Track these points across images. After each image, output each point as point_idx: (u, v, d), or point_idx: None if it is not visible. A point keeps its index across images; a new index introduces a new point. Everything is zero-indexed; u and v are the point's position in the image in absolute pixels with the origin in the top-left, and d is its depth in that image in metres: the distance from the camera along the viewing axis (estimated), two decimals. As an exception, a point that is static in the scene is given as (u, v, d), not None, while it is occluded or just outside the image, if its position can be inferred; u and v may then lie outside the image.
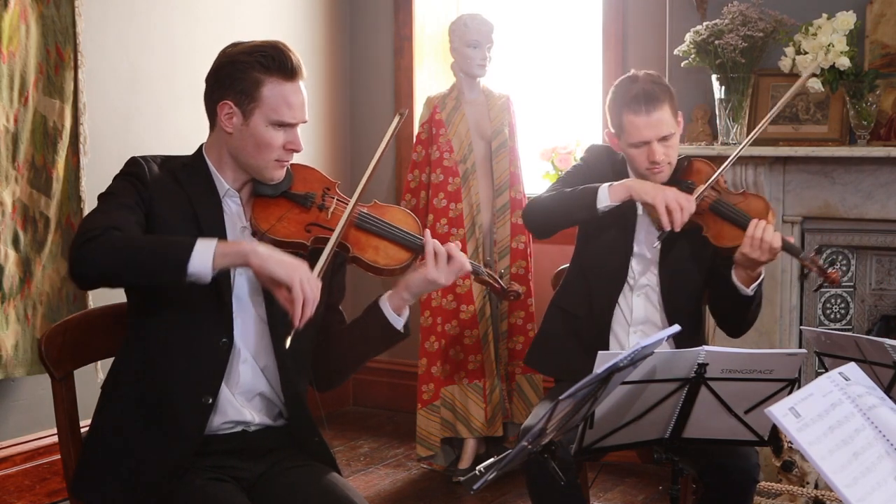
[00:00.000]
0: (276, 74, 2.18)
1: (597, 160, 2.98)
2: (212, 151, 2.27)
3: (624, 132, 2.81)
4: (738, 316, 2.87)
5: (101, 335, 2.36)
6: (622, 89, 2.83)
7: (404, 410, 4.93)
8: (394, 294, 2.31)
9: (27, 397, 3.75)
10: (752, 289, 2.75)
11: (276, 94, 2.18)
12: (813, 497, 3.54)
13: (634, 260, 2.90)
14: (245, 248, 2.07)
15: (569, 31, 4.97)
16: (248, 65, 2.18)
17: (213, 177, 2.25)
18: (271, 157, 2.20)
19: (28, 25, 3.56)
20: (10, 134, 3.53)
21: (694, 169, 2.90)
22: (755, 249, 2.66)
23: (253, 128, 2.18)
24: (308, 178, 2.33)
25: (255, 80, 2.17)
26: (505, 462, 1.86)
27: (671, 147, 2.81)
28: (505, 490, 3.99)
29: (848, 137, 3.77)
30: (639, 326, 2.90)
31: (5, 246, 3.54)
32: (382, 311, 2.30)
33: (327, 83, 5.01)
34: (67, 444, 2.26)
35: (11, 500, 3.68)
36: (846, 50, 3.58)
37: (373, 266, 2.27)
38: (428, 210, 4.28)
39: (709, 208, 2.79)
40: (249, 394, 2.25)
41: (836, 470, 1.62)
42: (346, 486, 2.26)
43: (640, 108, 2.76)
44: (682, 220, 2.70)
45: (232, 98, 2.18)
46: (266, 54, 2.18)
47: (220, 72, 2.22)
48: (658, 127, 2.78)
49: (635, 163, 2.84)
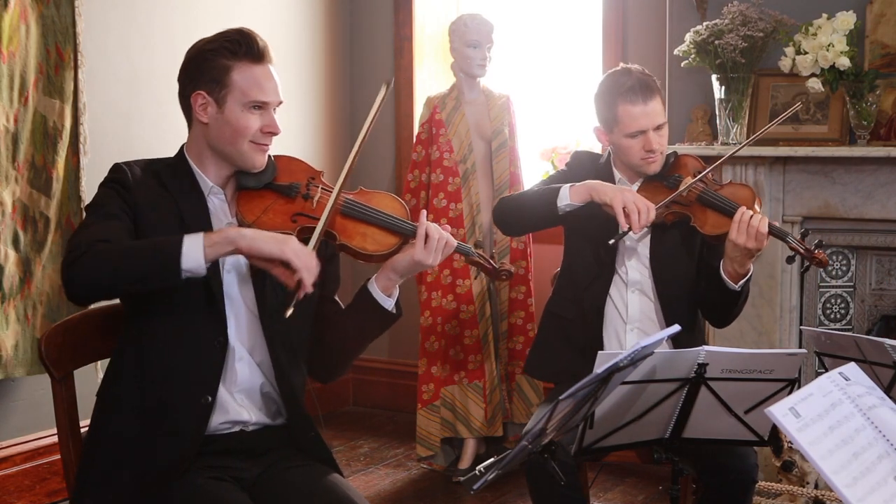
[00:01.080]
0: (243, 59, 2.20)
1: (579, 166, 2.99)
2: (192, 149, 2.27)
3: (618, 123, 2.83)
4: (724, 309, 2.88)
5: (101, 335, 2.36)
6: (615, 81, 2.86)
7: (404, 410, 4.93)
8: (380, 275, 2.31)
9: (27, 397, 3.75)
10: (739, 284, 2.76)
11: (247, 77, 2.19)
12: (813, 497, 3.54)
13: (622, 256, 2.90)
14: (231, 233, 2.07)
15: (569, 30, 4.97)
16: (214, 52, 2.20)
17: (196, 175, 2.25)
18: (248, 140, 2.21)
19: (28, 25, 3.56)
20: (10, 134, 3.53)
21: (681, 163, 2.93)
22: (742, 234, 2.66)
23: (228, 113, 2.20)
24: (292, 169, 2.32)
25: (223, 67, 2.19)
26: (505, 462, 1.86)
27: (664, 136, 2.86)
28: (505, 490, 3.99)
29: (848, 137, 3.77)
30: (635, 324, 2.90)
31: (5, 246, 3.54)
32: (371, 294, 2.30)
33: (327, 83, 5.01)
34: (67, 444, 2.26)
35: (11, 500, 3.68)
36: (846, 50, 3.58)
37: (361, 252, 2.27)
38: (428, 210, 4.28)
39: (696, 199, 2.80)
40: (248, 391, 2.25)
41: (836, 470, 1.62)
42: (346, 485, 2.26)
43: (637, 97, 2.79)
44: (642, 223, 2.70)
45: (203, 87, 2.20)
46: (231, 39, 2.21)
47: (188, 66, 2.24)
48: (654, 116, 2.81)
49: (629, 154, 2.85)
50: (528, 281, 4.28)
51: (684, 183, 2.81)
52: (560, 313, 2.98)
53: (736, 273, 2.74)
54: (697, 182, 2.81)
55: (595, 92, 2.93)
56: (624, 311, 2.91)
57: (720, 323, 3.00)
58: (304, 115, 4.85)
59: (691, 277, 2.90)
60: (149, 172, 2.24)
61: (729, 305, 2.84)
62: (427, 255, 2.26)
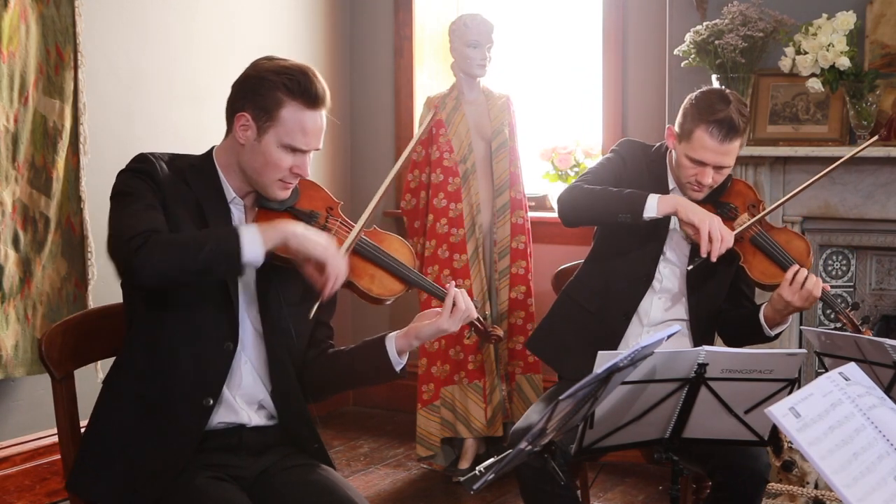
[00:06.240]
0: (298, 99, 2.18)
1: (632, 157, 2.94)
2: (222, 156, 2.26)
3: (689, 142, 2.76)
4: (745, 341, 2.89)
5: (101, 335, 2.36)
6: (709, 103, 2.75)
7: (404, 410, 4.93)
8: (402, 338, 2.29)
9: (27, 397, 3.75)
10: (775, 332, 2.79)
11: (294, 119, 2.17)
12: (813, 497, 3.54)
13: (663, 264, 2.89)
14: (284, 228, 2.11)
15: (569, 31, 4.97)
16: (273, 83, 2.17)
17: (221, 181, 2.25)
18: (276, 177, 2.20)
19: (28, 25, 3.56)
20: (10, 134, 3.53)
21: (735, 190, 2.88)
22: (794, 294, 2.66)
23: (264, 145, 2.18)
24: (313, 197, 2.34)
25: (276, 100, 2.17)
26: (505, 462, 1.86)
27: (722, 175, 2.80)
28: (505, 490, 3.99)
29: (848, 137, 3.77)
30: (654, 328, 2.89)
31: (5, 246, 3.54)
32: (386, 350, 2.29)
33: (327, 83, 4.99)
34: (67, 444, 2.26)
35: (11, 500, 3.68)
36: (846, 50, 3.58)
37: (366, 293, 2.29)
38: (428, 210, 4.28)
39: (749, 240, 2.77)
40: (249, 394, 2.26)
41: (836, 470, 1.62)
42: (346, 485, 2.26)
43: (719, 133, 2.72)
44: (719, 252, 2.67)
45: (251, 111, 2.18)
46: (293, 77, 2.18)
47: (245, 83, 2.21)
48: (723, 157, 2.75)
49: (681, 172, 2.80)
50: (528, 281, 4.28)
51: (740, 220, 2.78)
52: (581, 302, 2.96)
53: (775, 320, 2.76)
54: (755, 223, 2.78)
55: (688, 97, 2.83)
56: (644, 316, 2.90)
57: (735, 345, 2.96)
58: (304, 115, 4.85)
59: (722, 295, 2.91)
60: (174, 168, 2.23)
61: (754, 341, 2.86)
62: (452, 323, 2.28)
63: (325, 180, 4.91)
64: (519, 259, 4.28)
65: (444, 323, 2.27)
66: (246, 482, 2.23)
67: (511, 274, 4.27)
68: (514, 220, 4.26)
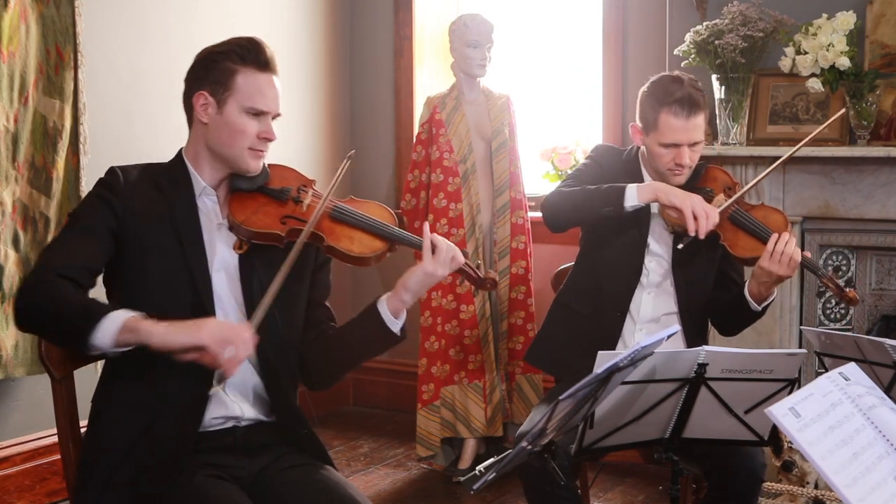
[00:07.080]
0: (250, 65, 2.24)
1: (608, 160, 2.98)
2: (189, 150, 2.31)
3: (656, 130, 2.81)
4: (738, 323, 2.93)
5: (101, 335, 2.36)
6: (664, 88, 2.81)
7: (404, 410, 4.93)
8: (392, 296, 2.30)
9: (27, 397, 3.75)
10: (762, 306, 2.79)
11: (250, 83, 2.23)
12: (813, 497, 3.54)
13: (648, 258, 2.91)
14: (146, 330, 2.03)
15: (569, 31, 4.97)
16: (222, 55, 2.25)
17: (191, 176, 2.28)
18: (245, 145, 2.24)
19: (28, 25, 3.56)
20: (10, 134, 3.53)
21: (710, 176, 2.91)
22: (775, 263, 2.68)
23: (227, 115, 2.23)
24: (285, 176, 2.38)
25: (229, 70, 2.23)
26: (505, 462, 1.86)
27: (697, 153, 2.84)
28: (505, 490, 3.99)
29: (848, 137, 3.77)
30: (645, 324, 2.90)
31: (5, 246, 3.54)
32: (379, 313, 2.29)
33: (327, 83, 5.01)
34: (67, 444, 2.26)
35: (11, 500, 3.68)
36: (846, 50, 3.58)
37: (348, 255, 2.29)
38: (428, 210, 4.28)
39: (728, 218, 2.80)
40: (240, 388, 2.26)
41: (837, 470, 1.62)
42: (347, 484, 2.26)
43: (682, 111, 2.76)
44: (707, 229, 2.71)
45: (207, 88, 2.24)
46: (240, 45, 2.25)
47: (196, 67, 2.28)
48: (693, 132, 2.79)
49: (658, 161, 2.84)
50: (528, 281, 4.28)
51: (717, 200, 2.81)
52: (574, 307, 2.98)
53: (760, 295, 2.77)
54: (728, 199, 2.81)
55: (642, 90, 2.89)
56: (636, 312, 2.91)
57: (729, 332, 3.03)
58: (304, 114, 4.85)
59: (710, 284, 2.93)
60: (145, 176, 2.27)
61: (745, 321, 2.89)
62: (437, 265, 2.26)
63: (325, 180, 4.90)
64: (519, 259, 4.28)
65: (429, 266, 2.26)
66: (245, 482, 2.23)
67: (511, 274, 4.27)
68: (514, 220, 4.26)
